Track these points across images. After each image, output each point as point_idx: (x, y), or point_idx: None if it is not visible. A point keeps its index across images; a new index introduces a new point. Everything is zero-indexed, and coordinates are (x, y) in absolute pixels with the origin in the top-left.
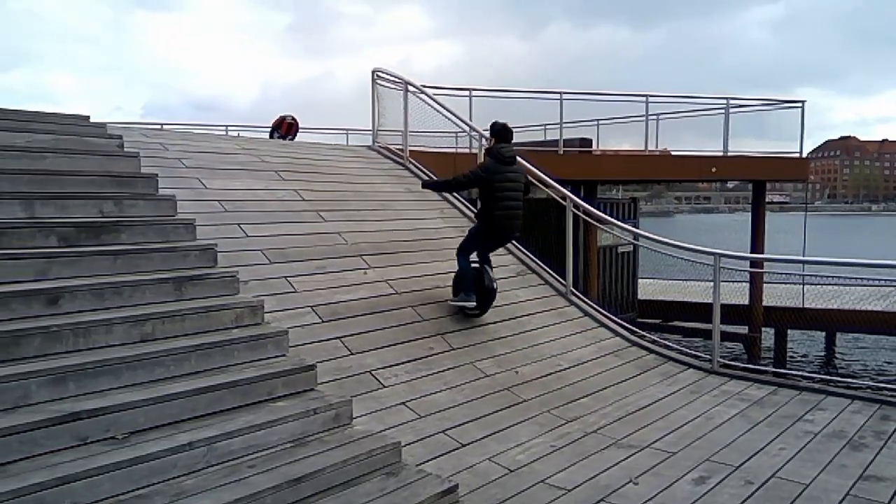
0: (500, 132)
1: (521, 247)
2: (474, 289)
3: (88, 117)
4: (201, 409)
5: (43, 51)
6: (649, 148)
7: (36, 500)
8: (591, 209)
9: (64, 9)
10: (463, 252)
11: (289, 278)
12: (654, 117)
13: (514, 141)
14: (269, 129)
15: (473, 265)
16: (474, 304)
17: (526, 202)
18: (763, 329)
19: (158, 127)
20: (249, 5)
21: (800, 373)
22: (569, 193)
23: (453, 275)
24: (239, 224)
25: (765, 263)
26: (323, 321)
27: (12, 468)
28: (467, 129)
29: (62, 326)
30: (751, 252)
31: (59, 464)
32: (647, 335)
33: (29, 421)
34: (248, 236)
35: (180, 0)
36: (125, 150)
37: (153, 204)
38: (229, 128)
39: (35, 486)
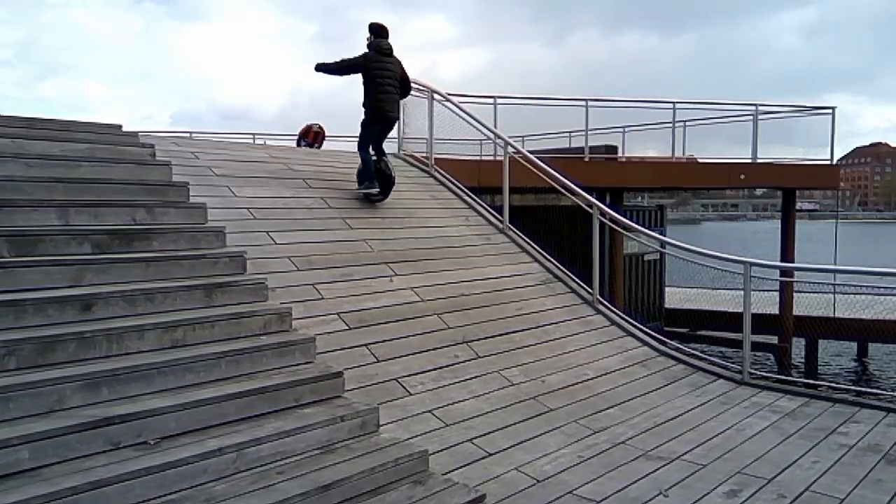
0: (377, 30)
1: (546, 254)
2: (378, 178)
3: (121, 126)
4: (230, 415)
5: (76, 61)
6: (676, 155)
7: (70, 503)
8: (618, 216)
9: (96, 20)
10: (362, 146)
11: (316, 285)
12: (681, 124)
13: (537, 148)
14: (296, 138)
15: (373, 158)
16: (377, 189)
17: (552, 209)
18: (793, 339)
19: (188, 136)
20: (277, 15)
21: (832, 384)
22: (595, 201)
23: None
24: (267, 232)
25: (795, 272)
26: (350, 328)
27: (46, 472)
28: (492, 136)
29: (96, 332)
30: (781, 261)
31: (93, 468)
32: (675, 345)
33: (63, 425)
34: (276, 244)
35: (209, 11)
36: (157, 158)
37: (184, 212)
38: (256, 136)
39: (69, 489)
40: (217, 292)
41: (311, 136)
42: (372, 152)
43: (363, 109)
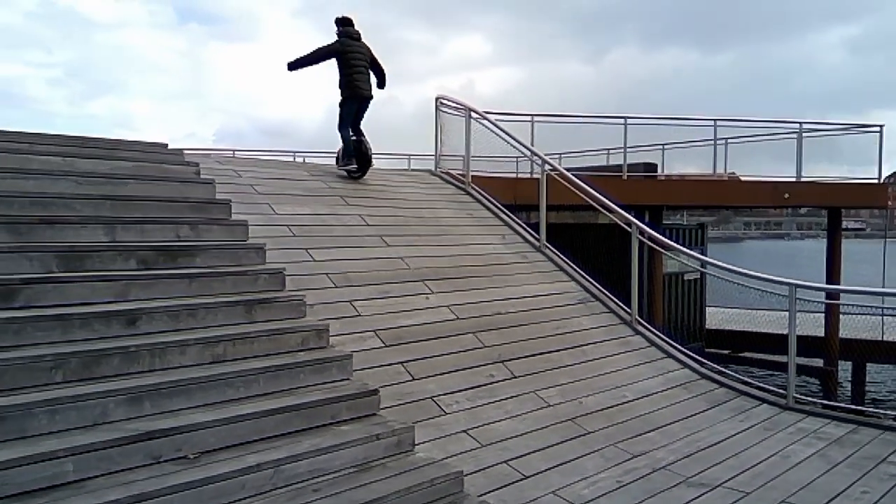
0: (343, 21)
1: (584, 273)
2: (356, 154)
3: (167, 145)
4: (269, 430)
5: (124, 81)
6: (717, 172)
7: None
8: (658, 236)
9: (144, 41)
10: (341, 126)
11: (353, 302)
12: (723, 141)
13: (574, 165)
14: (335, 156)
15: (353, 138)
16: (356, 166)
17: (589, 227)
18: (839, 362)
19: (231, 153)
20: (319, 36)
21: (882, 410)
22: (634, 220)
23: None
24: (306, 249)
25: (842, 295)
26: (386, 346)
27: (90, 484)
28: (528, 154)
29: (140, 347)
30: (826, 281)
31: (134, 482)
32: (717, 367)
33: (107, 439)
34: (314, 260)
35: (252, 32)
36: (201, 176)
37: (226, 229)
38: (297, 154)
39: (111, 502)
40: (257, 308)
41: None
42: (352, 134)
43: (339, 90)
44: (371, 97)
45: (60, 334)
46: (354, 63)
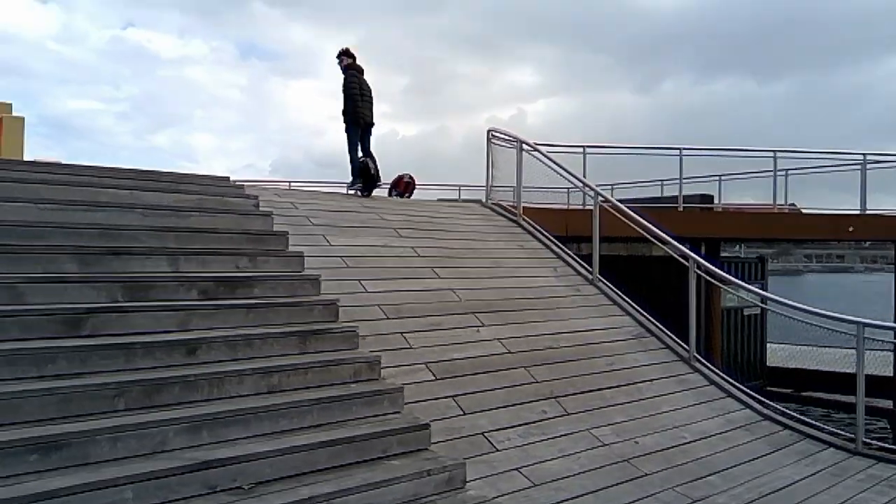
0: (348, 54)
1: (638, 307)
2: (362, 175)
3: (228, 178)
4: (321, 462)
5: (188, 114)
6: (777, 204)
7: None
8: (716, 270)
9: (206, 77)
10: (351, 150)
11: (404, 334)
12: (783, 173)
13: (627, 196)
14: (387, 188)
15: (361, 159)
16: (361, 185)
17: (643, 260)
18: None
19: (287, 185)
20: (372, 69)
21: None
22: (691, 253)
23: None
24: (359, 280)
25: None
26: (436, 379)
27: None
28: (580, 185)
29: (199, 376)
30: (895, 318)
31: None
32: (781, 408)
33: (165, 467)
34: (367, 292)
35: (309, 67)
36: (260, 209)
37: (283, 260)
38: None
39: None
40: (311, 339)
41: (402, 186)
42: (361, 155)
43: (343, 117)
44: (373, 123)
45: (124, 363)
46: (363, 94)
